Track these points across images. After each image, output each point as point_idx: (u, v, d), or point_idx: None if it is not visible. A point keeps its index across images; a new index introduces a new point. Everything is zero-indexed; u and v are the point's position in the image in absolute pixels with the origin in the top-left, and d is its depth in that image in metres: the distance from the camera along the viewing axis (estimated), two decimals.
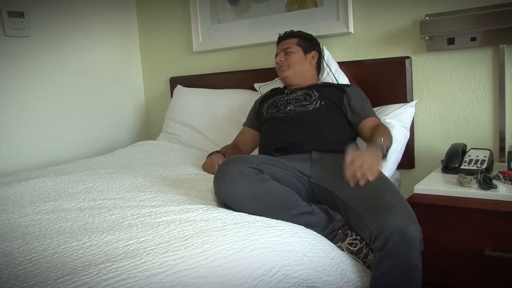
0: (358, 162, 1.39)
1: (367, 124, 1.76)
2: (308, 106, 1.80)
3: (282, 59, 1.96)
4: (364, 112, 1.79)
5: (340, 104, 1.82)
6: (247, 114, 2.11)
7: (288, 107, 1.83)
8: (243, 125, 2.09)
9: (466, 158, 1.68)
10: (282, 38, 2.03)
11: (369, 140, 1.63)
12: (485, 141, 1.88)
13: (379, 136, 1.55)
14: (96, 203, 1.46)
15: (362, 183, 1.39)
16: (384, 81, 2.01)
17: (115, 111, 2.82)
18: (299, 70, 1.94)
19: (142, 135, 2.99)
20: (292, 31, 2.04)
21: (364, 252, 1.36)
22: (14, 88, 2.31)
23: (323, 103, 1.81)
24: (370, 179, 1.38)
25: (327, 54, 2.06)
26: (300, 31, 2.03)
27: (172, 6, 2.76)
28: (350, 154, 1.42)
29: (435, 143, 2.00)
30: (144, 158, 2.16)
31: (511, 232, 1.37)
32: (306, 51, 1.98)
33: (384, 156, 1.50)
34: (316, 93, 1.84)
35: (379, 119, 1.82)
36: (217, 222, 1.24)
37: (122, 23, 2.85)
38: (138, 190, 1.58)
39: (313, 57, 2.00)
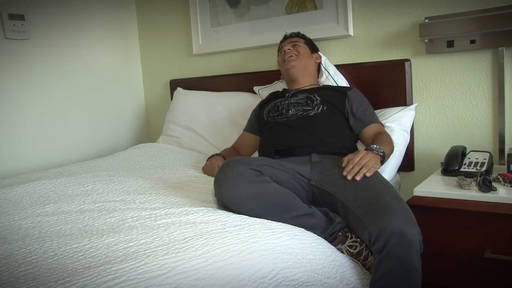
0: (356, 158, 1.47)
1: (369, 131, 1.77)
2: (310, 112, 1.80)
3: (291, 48, 1.98)
4: (366, 118, 1.80)
5: (342, 108, 1.82)
6: (247, 117, 2.11)
7: (290, 111, 1.83)
8: (243, 130, 2.09)
9: (466, 161, 1.69)
10: (289, 36, 2.07)
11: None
12: (484, 143, 1.88)
13: (380, 144, 1.60)
14: (96, 205, 1.46)
15: (358, 178, 1.43)
16: (384, 83, 2.02)
17: (115, 113, 2.82)
18: (305, 63, 1.96)
19: (142, 137, 2.99)
20: (299, 32, 2.08)
21: (364, 254, 1.36)
22: (14, 91, 2.31)
23: (325, 108, 1.81)
24: (368, 174, 1.43)
25: (324, 58, 2.07)
26: (304, 35, 2.08)
27: (172, 8, 2.77)
28: (349, 154, 1.51)
29: (434, 145, 2.00)
30: (144, 160, 2.17)
31: (510, 234, 1.37)
32: (312, 51, 2.03)
33: (382, 160, 1.53)
34: (317, 97, 1.84)
35: (381, 123, 1.83)
36: (217, 225, 1.25)
37: (122, 25, 2.86)
38: (138, 193, 1.58)
39: (317, 58, 2.04)
